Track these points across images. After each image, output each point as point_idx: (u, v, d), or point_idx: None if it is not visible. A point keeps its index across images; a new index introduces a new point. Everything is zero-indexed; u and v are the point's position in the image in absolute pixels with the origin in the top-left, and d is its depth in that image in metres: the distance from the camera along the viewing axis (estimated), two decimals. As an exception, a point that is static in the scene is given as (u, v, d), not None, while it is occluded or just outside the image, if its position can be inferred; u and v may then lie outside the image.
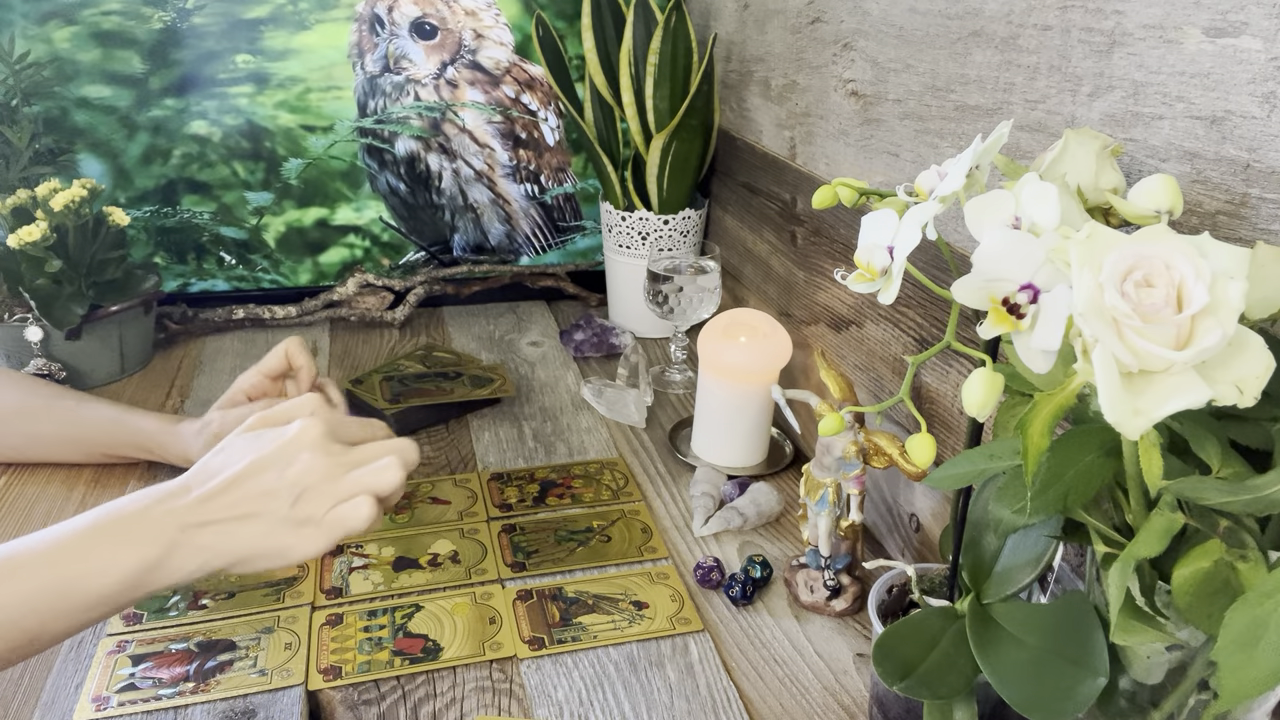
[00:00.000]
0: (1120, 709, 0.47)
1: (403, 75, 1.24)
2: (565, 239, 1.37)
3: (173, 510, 0.57)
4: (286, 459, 0.59)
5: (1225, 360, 0.35)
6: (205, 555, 0.57)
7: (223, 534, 0.57)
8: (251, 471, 0.58)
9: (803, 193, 0.98)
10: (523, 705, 0.65)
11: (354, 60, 1.23)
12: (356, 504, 0.58)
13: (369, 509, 0.58)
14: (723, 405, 0.92)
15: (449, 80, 1.25)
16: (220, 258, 1.28)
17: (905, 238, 0.44)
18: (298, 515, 0.58)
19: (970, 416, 0.46)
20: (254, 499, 0.58)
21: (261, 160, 1.24)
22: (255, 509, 0.57)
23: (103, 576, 0.55)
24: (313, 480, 0.58)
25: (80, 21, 1.13)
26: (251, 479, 0.58)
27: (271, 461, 0.59)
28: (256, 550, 0.57)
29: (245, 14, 1.17)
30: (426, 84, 1.25)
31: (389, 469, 0.60)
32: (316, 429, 0.61)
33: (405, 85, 1.24)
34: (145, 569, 0.55)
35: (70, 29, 1.13)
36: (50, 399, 0.90)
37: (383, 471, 0.60)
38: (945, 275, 0.67)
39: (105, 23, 1.14)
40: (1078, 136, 0.48)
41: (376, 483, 0.59)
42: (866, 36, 0.82)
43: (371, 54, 1.22)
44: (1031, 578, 0.50)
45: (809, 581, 0.76)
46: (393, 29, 1.22)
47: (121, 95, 1.17)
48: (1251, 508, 0.38)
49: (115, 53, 1.15)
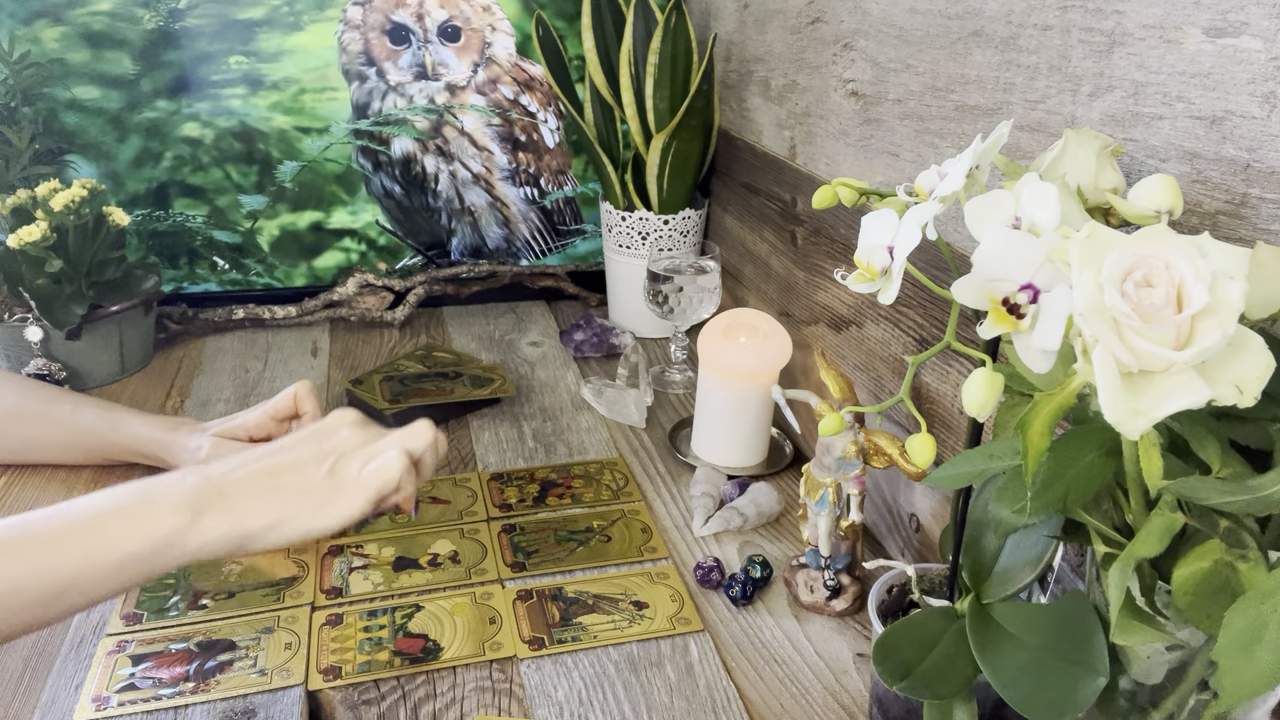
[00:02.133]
0: (1120, 709, 0.47)
1: (441, 81, 1.23)
2: (565, 243, 1.37)
3: (209, 477, 0.58)
4: (326, 434, 0.62)
5: (1225, 360, 0.35)
6: (237, 517, 0.57)
7: (257, 498, 0.58)
8: (290, 446, 0.61)
9: (803, 193, 0.98)
10: (523, 705, 0.65)
11: (361, 68, 1.21)
12: (388, 457, 0.60)
13: (402, 460, 0.60)
14: (723, 405, 0.92)
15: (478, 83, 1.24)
16: (214, 262, 1.27)
17: (905, 238, 0.44)
18: (334, 479, 0.59)
19: (970, 416, 0.46)
20: (291, 466, 0.60)
21: (255, 163, 1.23)
22: (291, 475, 0.59)
23: (134, 537, 0.55)
24: (349, 448, 0.61)
25: (69, 21, 1.12)
26: (291, 451, 0.61)
27: (311, 437, 0.62)
28: (289, 512, 0.58)
29: (238, 15, 1.17)
30: (467, 86, 1.24)
31: (422, 429, 0.63)
32: (353, 412, 0.65)
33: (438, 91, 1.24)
34: (176, 530, 0.56)
35: (59, 29, 1.12)
36: (47, 402, 0.90)
37: (415, 430, 0.63)
38: (945, 275, 0.67)
39: (95, 23, 1.13)
40: (1078, 136, 0.48)
41: (409, 439, 0.62)
42: (866, 36, 0.82)
43: (394, 61, 1.21)
44: (1031, 578, 0.50)
45: (809, 581, 0.76)
46: (425, 34, 1.21)
47: (112, 97, 1.16)
48: (1251, 508, 0.38)
49: (105, 54, 1.14)
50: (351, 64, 1.21)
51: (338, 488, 0.59)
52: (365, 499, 0.60)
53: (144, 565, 0.56)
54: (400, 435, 0.63)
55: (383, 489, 0.60)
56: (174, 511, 0.56)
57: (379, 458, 0.61)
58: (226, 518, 0.57)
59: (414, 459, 0.63)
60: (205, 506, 0.57)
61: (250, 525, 0.57)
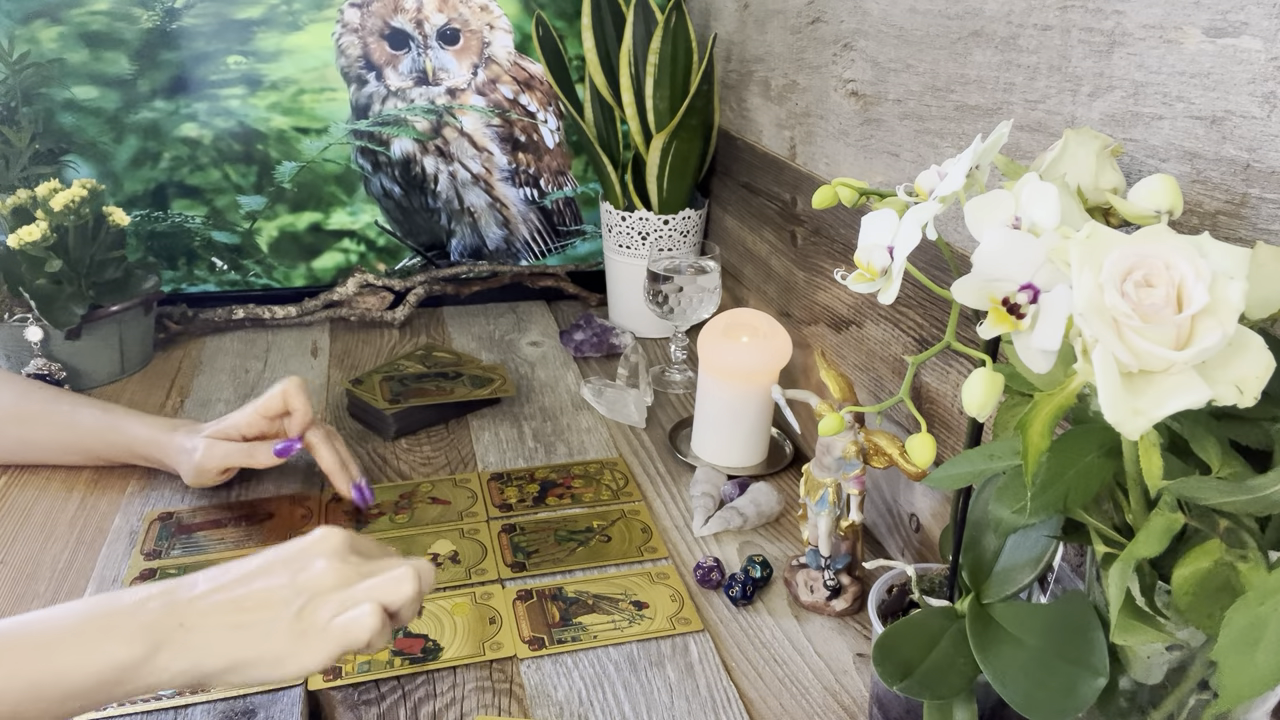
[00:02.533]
0: (1120, 709, 0.47)
1: (442, 86, 1.23)
2: (565, 243, 1.37)
3: (172, 605, 0.53)
4: (301, 563, 0.56)
5: (1225, 360, 0.35)
6: (195, 656, 0.52)
7: (218, 635, 0.53)
8: (263, 571, 0.56)
9: (803, 193, 0.98)
10: (523, 705, 0.65)
11: (361, 72, 1.21)
12: (362, 612, 0.54)
13: (375, 619, 0.54)
14: (723, 405, 0.92)
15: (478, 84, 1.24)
16: (212, 263, 1.27)
17: (905, 238, 0.44)
18: (301, 624, 0.54)
19: (970, 416, 0.46)
20: (259, 601, 0.54)
21: (254, 163, 1.23)
22: (258, 613, 0.54)
23: (81, 669, 0.50)
24: (323, 586, 0.55)
25: (66, 21, 1.12)
26: (261, 578, 0.55)
27: (286, 563, 0.56)
28: (251, 656, 0.53)
29: (236, 14, 1.16)
30: (467, 89, 1.24)
31: (404, 580, 0.56)
32: (337, 537, 0.58)
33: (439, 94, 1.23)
34: (127, 665, 0.51)
35: (56, 29, 1.12)
36: (45, 403, 0.89)
37: (395, 582, 0.56)
38: (945, 275, 0.67)
39: (93, 23, 1.12)
40: (1078, 136, 0.48)
41: (388, 593, 0.55)
42: (866, 36, 0.82)
43: (394, 67, 1.21)
44: (1031, 578, 0.50)
45: (809, 581, 0.76)
46: (425, 40, 1.20)
47: (109, 97, 1.16)
48: (1251, 508, 0.38)
49: (103, 53, 1.14)
50: (351, 67, 1.21)
51: (304, 634, 0.54)
52: (328, 654, 0.54)
53: (92, 699, 0.51)
54: (381, 586, 0.56)
55: (350, 646, 0.54)
56: (129, 642, 0.51)
57: (353, 610, 0.54)
58: (184, 656, 0.52)
59: (391, 612, 0.56)
60: (163, 641, 0.52)
61: (208, 666, 0.52)
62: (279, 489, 0.89)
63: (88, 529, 0.83)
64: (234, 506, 0.86)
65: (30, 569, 0.77)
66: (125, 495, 0.88)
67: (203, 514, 0.85)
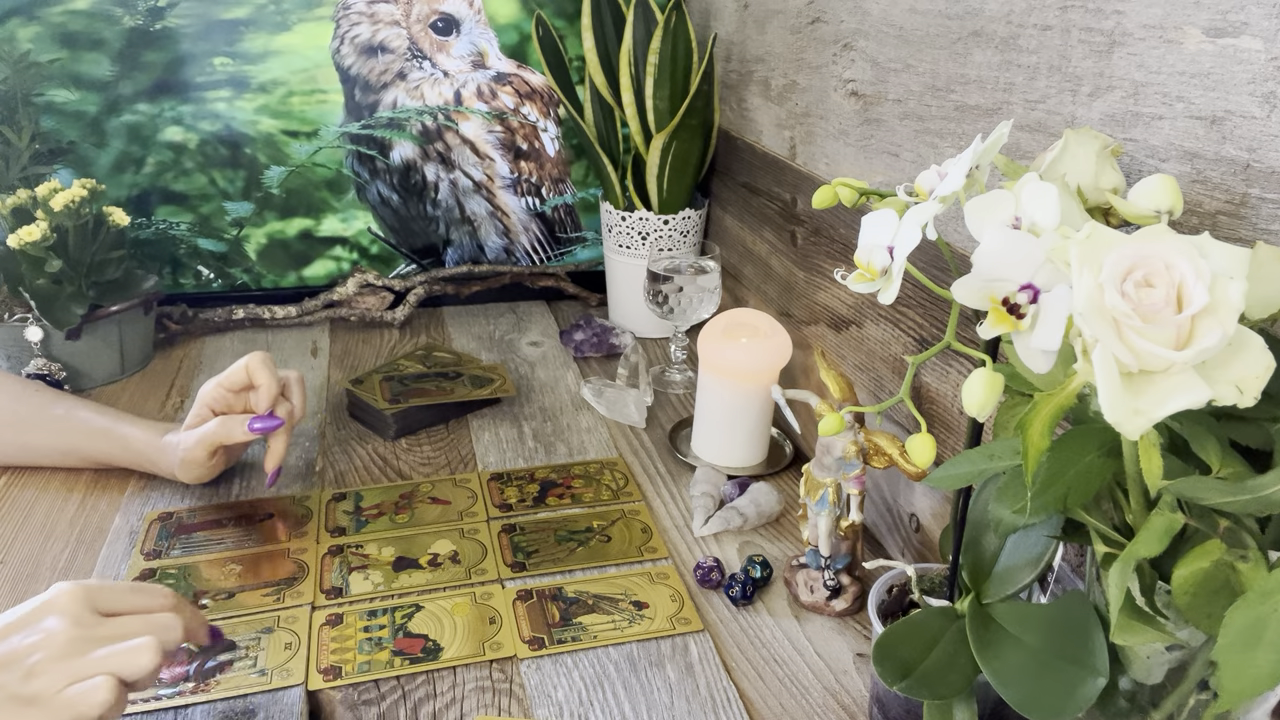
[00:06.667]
0: (1120, 709, 0.47)
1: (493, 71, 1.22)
2: (565, 251, 1.36)
3: None
4: (30, 625, 0.52)
5: (1225, 360, 0.35)
6: None
7: None
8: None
9: (803, 193, 0.98)
10: (523, 705, 0.65)
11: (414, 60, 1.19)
12: (94, 686, 0.51)
13: (107, 694, 0.50)
14: (723, 405, 0.92)
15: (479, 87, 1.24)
16: (198, 271, 1.25)
17: (905, 238, 0.44)
18: (26, 692, 0.50)
19: (970, 416, 0.46)
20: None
21: (241, 168, 1.20)
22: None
23: None
24: (51, 652, 0.51)
25: (43, 20, 1.08)
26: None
27: (15, 627, 0.52)
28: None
29: (222, 14, 1.13)
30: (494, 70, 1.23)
31: (141, 651, 0.52)
32: (71, 595, 0.54)
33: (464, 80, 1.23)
34: None
35: (32, 28, 1.08)
36: (41, 407, 0.89)
37: (133, 653, 0.52)
38: (945, 275, 0.67)
39: (71, 22, 1.09)
40: (1078, 136, 0.48)
41: (122, 665, 0.52)
42: (866, 36, 0.82)
43: (445, 53, 1.20)
44: (1031, 578, 0.50)
45: (809, 581, 0.76)
46: (476, 17, 1.20)
47: (90, 99, 1.13)
48: (1251, 508, 0.38)
49: (83, 54, 1.10)
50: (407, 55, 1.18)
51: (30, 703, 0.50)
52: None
53: None
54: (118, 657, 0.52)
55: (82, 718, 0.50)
56: None
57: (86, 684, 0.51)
58: None
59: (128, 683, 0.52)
60: None
61: None
62: (279, 489, 0.89)
63: (88, 529, 0.83)
64: (234, 506, 0.87)
65: (30, 569, 0.77)
66: (125, 495, 0.88)
67: (202, 514, 0.85)
